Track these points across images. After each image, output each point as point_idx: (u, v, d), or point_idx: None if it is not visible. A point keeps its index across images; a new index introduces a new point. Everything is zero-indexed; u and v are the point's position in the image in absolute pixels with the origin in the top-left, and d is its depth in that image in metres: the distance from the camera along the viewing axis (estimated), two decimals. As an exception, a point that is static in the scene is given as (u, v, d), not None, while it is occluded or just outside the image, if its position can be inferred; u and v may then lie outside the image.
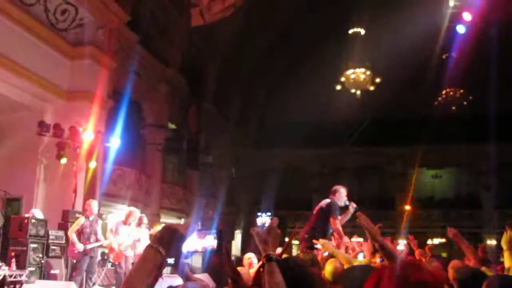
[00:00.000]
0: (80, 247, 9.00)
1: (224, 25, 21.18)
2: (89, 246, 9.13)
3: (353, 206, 7.12)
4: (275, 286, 1.92)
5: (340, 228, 6.81)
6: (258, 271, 2.17)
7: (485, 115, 22.42)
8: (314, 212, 7.22)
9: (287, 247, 2.62)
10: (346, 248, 6.08)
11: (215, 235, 1.84)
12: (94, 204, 9.54)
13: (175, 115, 21.42)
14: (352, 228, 7.20)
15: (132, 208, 10.15)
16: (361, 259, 5.99)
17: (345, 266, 4.44)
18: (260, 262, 2.07)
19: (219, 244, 1.86)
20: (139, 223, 9.78)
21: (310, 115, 26.28)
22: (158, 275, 1.62)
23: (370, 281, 1.67)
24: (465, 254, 4.96)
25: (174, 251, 1.67)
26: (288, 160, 28.59)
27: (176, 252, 1.68)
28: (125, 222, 9.63)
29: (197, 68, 22.85)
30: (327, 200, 7.09)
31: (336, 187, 7.26)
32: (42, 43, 12.58)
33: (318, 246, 6.04)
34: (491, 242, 26.41)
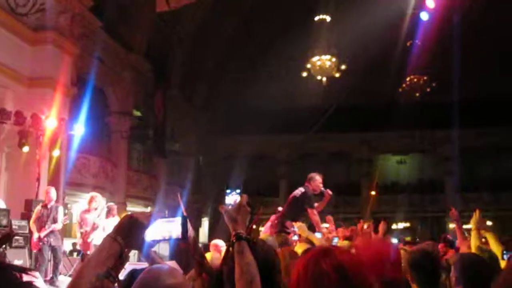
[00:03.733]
0: (36, 235, 8.93)
1: (190, 10, 20.96)
2: (42, 234, 9.02)
3: (329, 193, 7.15)
4: (246, 266, 1.88)
5: (318, 219, 6.85)
6: (226, 251, 2.14)
7: (449, 101, 22.84)
8: (288, 199, 7.24)
9: (250, 232, 2.60)
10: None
11: (180, 222, 1.80)
12: (52, 191, 9.42)
13: (141, 102, 21.18)
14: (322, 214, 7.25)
15: (93, 193, 10.06)
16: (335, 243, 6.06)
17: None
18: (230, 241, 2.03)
19: (183, 232, 1.83)
20: (110, 214, 9.68)
21: (276, 102, 26.31)
22: (119, 264, 1.59)
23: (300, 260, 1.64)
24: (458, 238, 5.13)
25: (134, 241, 1.65)
26: (255, 147, 28.59)
27: (137, 241, 1.66)
28: (88, 210, 9.54)
29: (162, 55, 22.58)
30: (301, 189, 7.08)
31: (312, 174, 7.26)
32: (1, 28, 12.19)
33: (294, 228, 6.08)
34: (453, 225, 27.03)
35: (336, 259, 1.50)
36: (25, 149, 11.36)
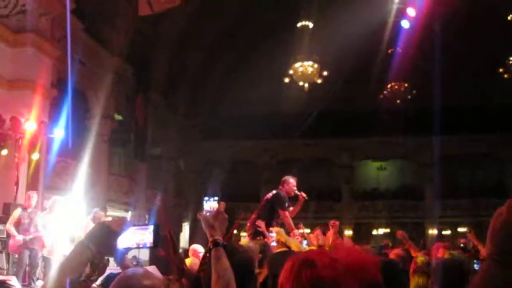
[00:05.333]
0: (20, 238, 8.81)
1: (172, 15, 20.91)
2: (28, 238, 8.92)
3: (303, 195, 7.17)
4: (222, 272, 1.91)
5: (291, 221, 6.87)
6: (204, 257, 2.16)
7: (429, 109, 23.09)
8: (262, 202, 7.25)
9: (231, 237, 2.62)
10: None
11: (152, 230, 1.83)
12: (33, 196, 9.34)
13: (122, 106, 21.04)
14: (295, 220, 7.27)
15: (56, 197, 10.01)
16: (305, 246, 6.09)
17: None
18: (207, 247, 2.05)
19: (155, 239, 1.85)
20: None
21: (259, 108, 26.36)
22: (97, 270, 1.62)
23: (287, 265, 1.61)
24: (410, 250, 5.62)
25: (106, 247, 1.68)
26: (237, 152, 28.62)
27: (109, 248, 1.69)
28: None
29: (144, 58, 22.48)
30: (274, 191, 7.11)
31: (286, 177, 7.28)
32: (-19, 30, 12.09)
33: (272, 234, 6.08)
34: (433, 231, 27.32)
35: (317, 273, 1.44)
36: (4, 152, 11.25)
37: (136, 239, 1.86)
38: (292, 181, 7.16)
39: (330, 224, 6.49)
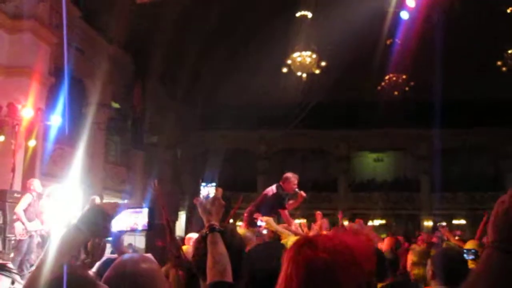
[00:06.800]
0: (31, 227, 8.82)
1: (170, 2, 20.82)
2: (36, 227, 8.94)
3: (302, 195, 7.17)
4: (218, 257, 1.91)
5: (290, 218, 6.93)
6: (198, 241, 2.15)
7: (427, 101, 23.09)
8: (261, 197, 7.27)
9: (228, 220, 2.63)
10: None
11: (148, 213, 1.83)
12: (36, 182, 9.32)
13: (119, 94, 20.99)
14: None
15: (54, 185, 9.99)
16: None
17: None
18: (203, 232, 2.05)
19: (150, 223, 1.86)
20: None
21: (256, 97, 26.31)
22: (93, 255, 1.63)
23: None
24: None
25: (99, 230, 1.67)
26: (234, 142, 28.62)
27: (103, 230, 1.68)
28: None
29: (142, 46, 22.39)
30: (274, 189, 7.09)
31: (287, 175, 7.22)
32: (-23, 15, 12.02)
33: (261, 223, 6.09)
34: (428, 223, 27.44)
35: (315, 255, 1.42)
36: (0, 138, 11.22)
37: (131, 222, 1.86)
38: (293, 179, 7.11)
39: (316, 215, 6.47)
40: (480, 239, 6.25)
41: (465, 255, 4.08)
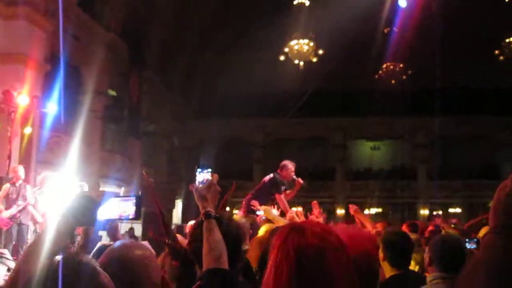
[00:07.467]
0: (7, 214, 8.80)
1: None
2: (15, 210, 8.91)
3: (299, 182, 7.24)
4: (214, 244, 1.89)
5: (286, 203, 6.95)
6: (194, 228, 2.13)
7: (424, 89, 23.06)
8: (259, 185, 7.36)
9: (223, 206, 2.61)
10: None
11: (135, 201, 1.84)
12: (20, 169, 9.30)
13: (116, 82, 20.89)
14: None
15: (46, 173, 9.95)
16: None
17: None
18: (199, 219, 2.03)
19: (137, 211, 1.86)
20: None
21: (253, 86, 26.22)
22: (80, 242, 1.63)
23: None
24: (365, 225, 5.48)
25: (85, 218, 1.68)
26: (231, 130, 28.57)
27: (89, 218, 1.69)
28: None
29: (139, 34, 22.28)
30: (271, 175, 7.24)
31: (285, 162, 7.33)
32: (-28, 1, 11.91)
33: (259, 212, 6.11)
34: (424, 211, 27.54)
35: (304, 241, 1.41)
36: (-4, 126, 11.18)
37: (119, 210, 1.86)
38: (290, 167, 7.23)
39: (312, 205, 6.47)
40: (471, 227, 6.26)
41: (466, 244, 4.09)
